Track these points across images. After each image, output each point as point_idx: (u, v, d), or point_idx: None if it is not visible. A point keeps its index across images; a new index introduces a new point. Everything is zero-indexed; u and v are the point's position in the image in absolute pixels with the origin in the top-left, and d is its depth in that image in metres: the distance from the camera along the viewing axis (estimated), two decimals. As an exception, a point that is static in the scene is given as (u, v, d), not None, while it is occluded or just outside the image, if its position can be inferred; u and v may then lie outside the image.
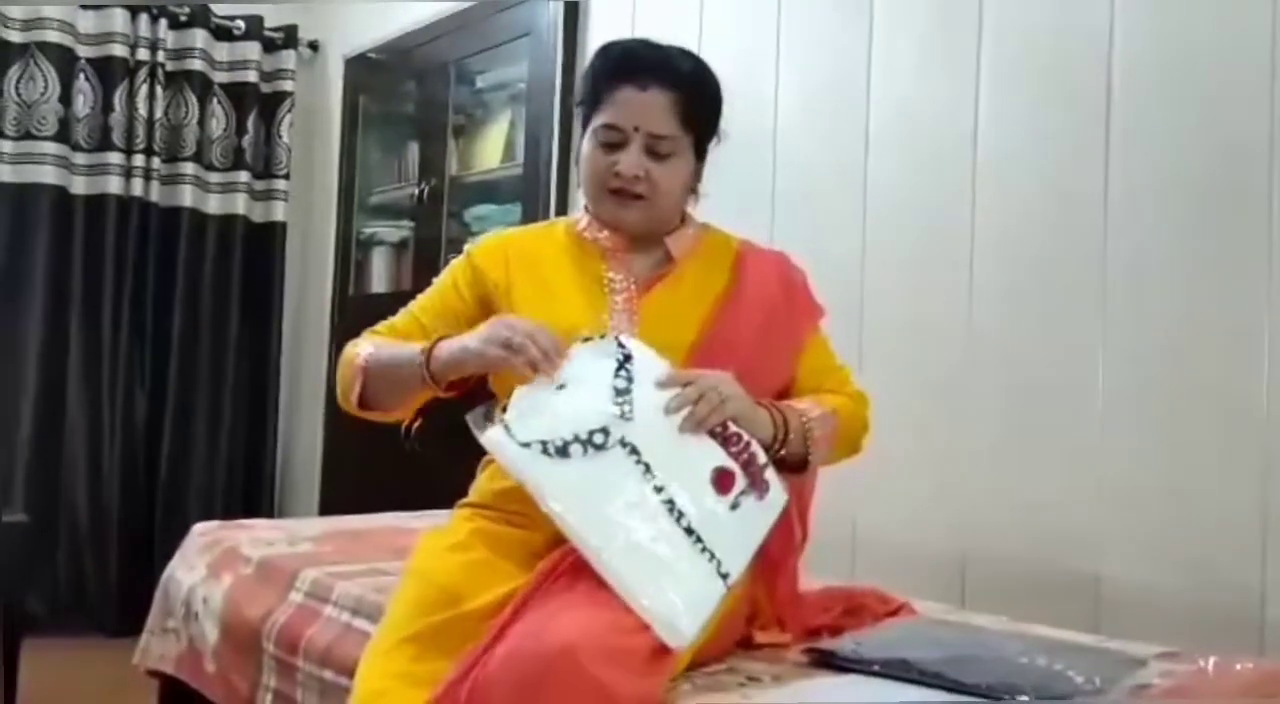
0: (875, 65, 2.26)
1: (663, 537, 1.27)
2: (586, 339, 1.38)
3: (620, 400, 1.33)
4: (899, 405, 2.10)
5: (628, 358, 1.36)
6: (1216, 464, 1.73)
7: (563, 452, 1.29)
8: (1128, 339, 1.84)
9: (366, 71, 3.88)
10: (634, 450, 1.30)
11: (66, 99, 3.68)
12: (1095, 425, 1.86)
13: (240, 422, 4.00)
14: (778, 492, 1.40)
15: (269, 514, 3.94)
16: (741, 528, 1.34)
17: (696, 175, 1.58)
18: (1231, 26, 1.75)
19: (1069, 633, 1.62)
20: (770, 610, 1.50)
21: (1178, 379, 1.78)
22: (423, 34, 3.59)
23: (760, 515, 1.37)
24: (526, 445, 1.29)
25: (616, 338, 1.39)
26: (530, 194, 3.10)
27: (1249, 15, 1.73)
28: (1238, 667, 1.40)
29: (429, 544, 1.50)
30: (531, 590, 1.28)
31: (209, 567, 2.11)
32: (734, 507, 1.33)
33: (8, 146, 3.62)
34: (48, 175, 3.65)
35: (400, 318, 1.63)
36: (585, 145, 1.54)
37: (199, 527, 2.32)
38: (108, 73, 3.74)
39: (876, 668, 1.33)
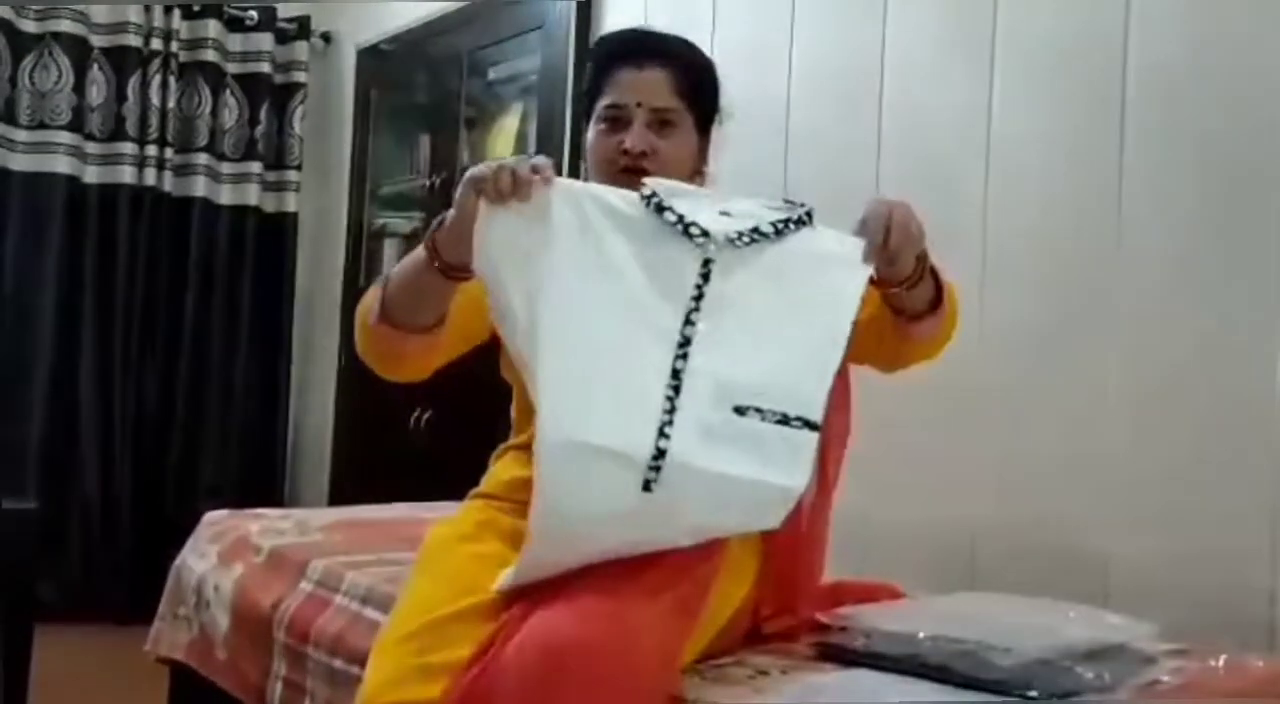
0: (888, 60, 2.25)
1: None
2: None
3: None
4: (911, 397, 2.10)
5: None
6: (1228, 461, 1.72)
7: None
8: (1140, 334, 1.83)
9: (379, 63, 3.88)
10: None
11: (80, 88, 3.69)
12: (1107, 422, 1.86)
13: (251, 412, 4.02)
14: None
15: (279, 504, 3.95)
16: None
17: (702, 154, 1.59)
18: (1249, 23, 1.74)
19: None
20: (778, 598, 1.50)
21: (1190, 376, 1.77)
22: (435, 26, 3.59)
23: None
24: None
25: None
26: (542, 186, 3.10)
27: (1267, 12, 1.72)
28: (1248, 665, 1.40)
29: (438, 536, 1.50)
30: (545, 583, 1.28)
31: (220, 555, 2.12)
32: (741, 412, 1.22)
33: (22, 136, 3.64)
34: (61, 165, 3.66)
35: None
36: (590, 131, 1.56)
37: (210, 515, 2.33)
38: (121, 62, 3.76)
39: (886, 662, 1.33)
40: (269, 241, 4.03)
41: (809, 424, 1.24)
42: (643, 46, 1.55)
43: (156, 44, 3.79)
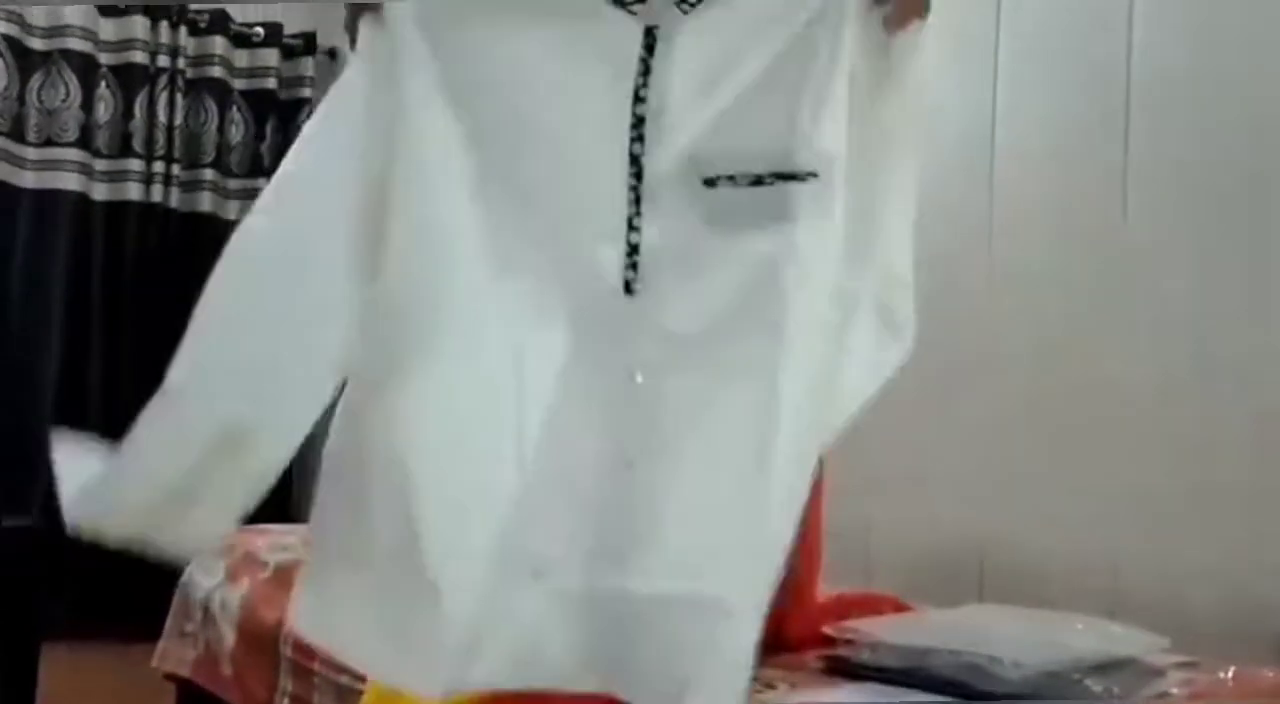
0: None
1: None
2: None
3: None
4: (915, 407, 2.10)
5: None
6: (1239, 473, 1.71)
7: None
8: (1150, 341, 1.83)
9: (384, 78, 3.88)
10: None
11: (88, 106, 3.70)
12: (1117, 429, 1.85)
13: (258, 427, 4.01)
14: None
15: (286, 519, 3.94)
16: None
17: None
18: (1254, 20, 1.74)
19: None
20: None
21: (1199, 385, 1.77)
22: (440, 41, 3.59)
23: None
24: None
25: None
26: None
27: (1272, 8, 1.72)
28: (1258, 677, 1.39)
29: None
30: None
31: (227, 571, 2.12)
32: None
33: (30, 153, 3.64)
34: (69, 181, 3.66)
35: None
36: None
37: (217, 531, 2.33)
38: (128, 79, 3.76)
39: (894, 675, 1.33)
40: (275, 257, 4.03)
41: (786, 175, 1.06)
42: None
43: (163, 61, 3.80)
